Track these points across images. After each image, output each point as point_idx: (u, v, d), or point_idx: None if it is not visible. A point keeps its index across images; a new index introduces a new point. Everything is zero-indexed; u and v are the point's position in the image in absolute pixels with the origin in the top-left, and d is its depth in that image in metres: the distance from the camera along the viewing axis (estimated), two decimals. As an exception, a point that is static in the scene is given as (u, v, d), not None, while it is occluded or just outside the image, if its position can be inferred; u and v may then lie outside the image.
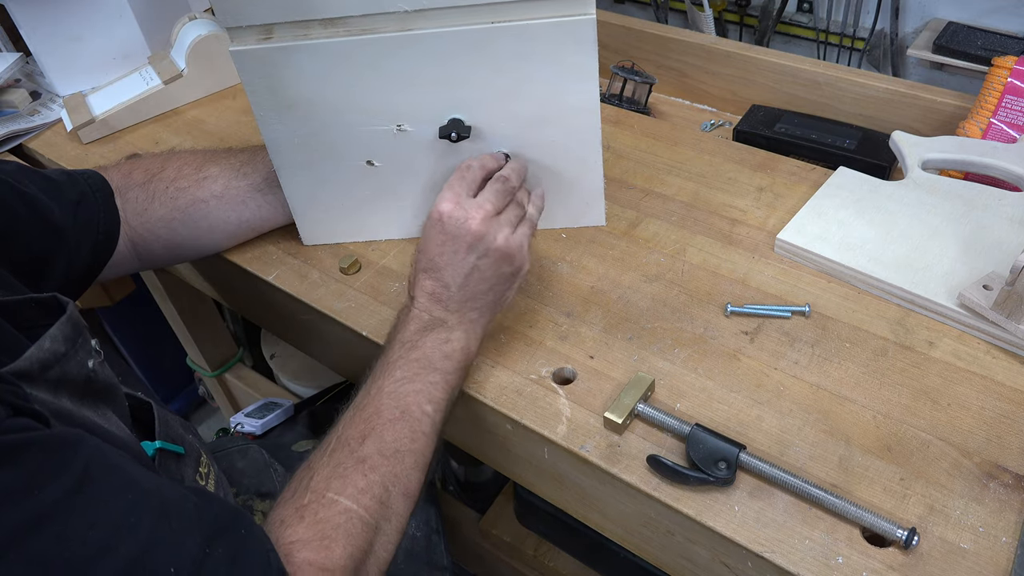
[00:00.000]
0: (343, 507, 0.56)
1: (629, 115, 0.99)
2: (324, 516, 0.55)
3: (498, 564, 1.09)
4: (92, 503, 0.43)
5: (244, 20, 0.67)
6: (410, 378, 0.63)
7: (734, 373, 0.67)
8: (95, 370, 0.54)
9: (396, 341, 0.65)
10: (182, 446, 0.62)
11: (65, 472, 0.42)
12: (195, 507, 0.48)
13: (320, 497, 0.56)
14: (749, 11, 1.28)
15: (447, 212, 0.65)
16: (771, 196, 0.84)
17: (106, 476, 0.44)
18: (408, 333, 0.65)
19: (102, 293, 1.37)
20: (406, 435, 0.61)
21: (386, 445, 0.60)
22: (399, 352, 0.64)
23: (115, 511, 0.43)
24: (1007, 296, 0.64)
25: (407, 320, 0.66)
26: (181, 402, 1.80)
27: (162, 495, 0.46)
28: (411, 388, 0.62)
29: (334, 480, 0.57)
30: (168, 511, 0.46)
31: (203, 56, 1.09)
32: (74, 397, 0.52)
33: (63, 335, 0.51)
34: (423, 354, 0.64)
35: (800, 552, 0.54)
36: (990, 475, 0.58)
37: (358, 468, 0.58)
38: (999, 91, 0.85)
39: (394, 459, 0.59)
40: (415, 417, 0.62)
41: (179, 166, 0.79)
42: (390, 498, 0.58)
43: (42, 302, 0.54)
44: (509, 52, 0.67)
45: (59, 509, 0.41)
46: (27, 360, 0.48)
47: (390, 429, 0.60)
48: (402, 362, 0.63)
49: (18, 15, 1.07)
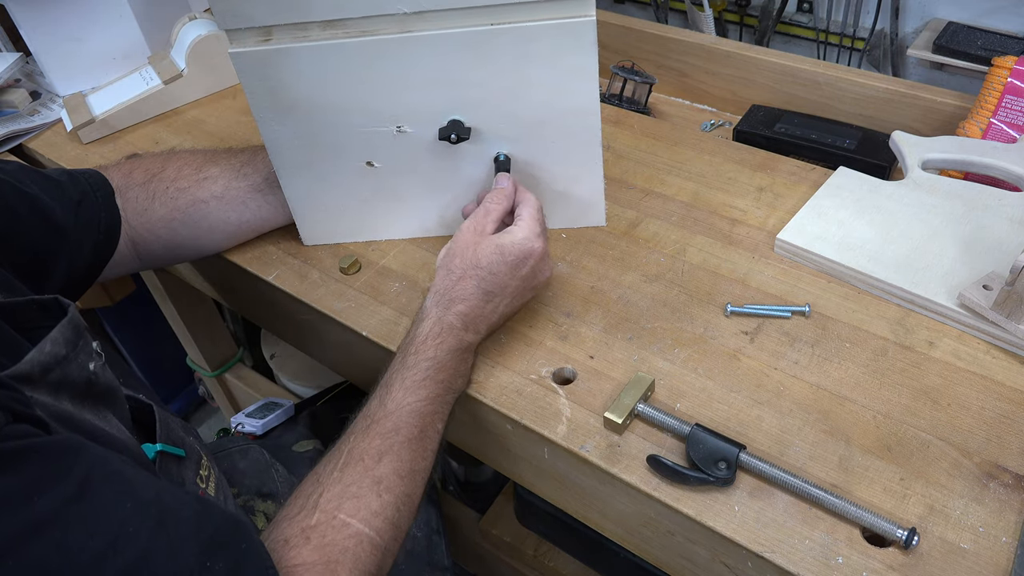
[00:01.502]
0: (355, 530, 0.55)
1: (629, 115, 0.99)
2: (333, 539, 0.54)
3: (498, 564, 1.09)
4: (91, 511, 0.42)
5: (243, 22, 0.67)
6: (433, 399, 0.63)
7: (734, 373, 0.67)
8: (96, 373, 0.53)
9: (427, 357, 0.63)
10: (183, 449, 0.62)
11: (65, 479, 0.42)
12: (195, 516, 0.47)
13: (331, 518, 0.55)
14: (749, 11, 1.28)
15: (537, 247, 0.67)
16: (771, 196, 0.84)
17: (106, 484, 0.44)
18: (442, 352, 0.64)
19: (102, 293, 1.37)
20: (420, 454, 0.61)
21: (403, 465, 0.59)
22: (428, 372, 0.63)
23: (114, 520, 0.43)
24: (1007, 296, 0.64)
25: (443, 339, 0.64)
26: (181, 402, 1.80)
27: (162, 504, 0.46)
28: (432, 409, 0.62)
29: (346, 500, 0.56)
30: (167, 521, 0.45)
31: (203, 56, 1.09)
32: (75, 400, 0.51)
33: (64, 338, 0.51)
34: (448, 376, 0.64)
35: (800, 552, 0.54)
36: (990, 475, 0.58)
37: (374, 489, 0.57)
38: (999, 91, 0.85)
39: (409, 479, 0.59)
40: (430, 436, 0.62)
41: (179, 166, 0.79)
42: (401, 519, 0.58)
43: (43, 304, 0.53)
44: (509, 54, 0.67)
45: (58, 517, 0.41)
46: (28, 363, 0.47)
47: (408, 449, 0.60)
48: (429, 382, 0.63)
49: (18, 15, 1.07)
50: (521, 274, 0.67)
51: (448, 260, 0.67)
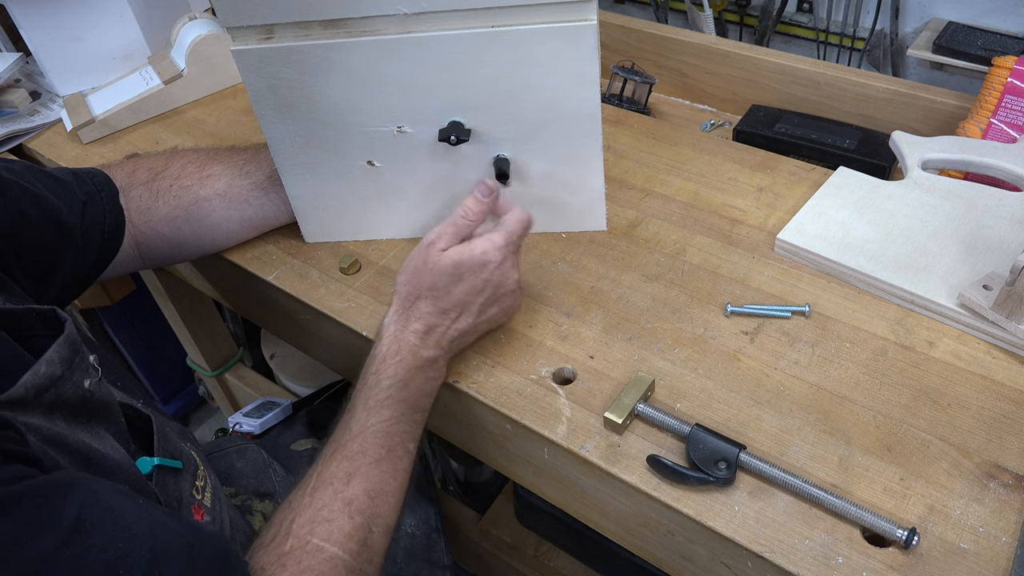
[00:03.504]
0: (329, 554, 0.54)
1: (629, 115, 0.99)
2: (308, 564, 0.54)
3: (498, 564, 1.09)
4: (83, 555, 0.42)
5: (245, 20, 0.67)
6: (398, 418, 0.62)
7: (734, 373, 0.67)
8: (91, 390, 0.53)
9: (387, 376, 0.63)
10: (180, 460, 0.61)
11: (56, 523, 0.41)
12: (187, 551, 0.47)
13: (304, 544, 0.55)
14: (749, 11, 1.28)
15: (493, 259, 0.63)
16: (771, 196, 0.84)
17: (98, 524, 0.43)
18: (401, 370, 0.63)
19: (102, 293, 1.37)
20: (390, 474, 0.61)
21: (372, 485, 0.59)
22: (390, 391, 0.62)
23: (107, 562, 0.43)
24: (1007, 296, 0.64)
25: (402, 356, 0.64)
26: (181, 402, 1.80)
27: (154, 540, 0.45)
28: (399, 428, 0.62)
29: (318, 525, 0.56)
30: (159, 558, 0.45)
31: (203, 56, 1.09)
32: (69, 419, 0.51)
33: (60, 357, 0.51)
34: (411, 393, 0.63)
35: (800, 552, 0.54)
36: (990, 475, 0.58)
37: (344, 511, 0.57)
38: (999, 91, 0.85)
39: (379, 499, 0.59)
40: (399, 456, 0.62)
41: (183, 164, 0.79)
42: (373, 539, 0.58)
43: (42, 314, 0.53)
44: (509, 57, 0.67)
45: (49, 563, 0.40)
46: (22, 387, 0.47)
47: (376, 469, 0.60)
48: (391, 401, 0.62)
49: (18, 15, 1.07)
50: (476, 287, 0.65)
51: (404, 277, 0.66)
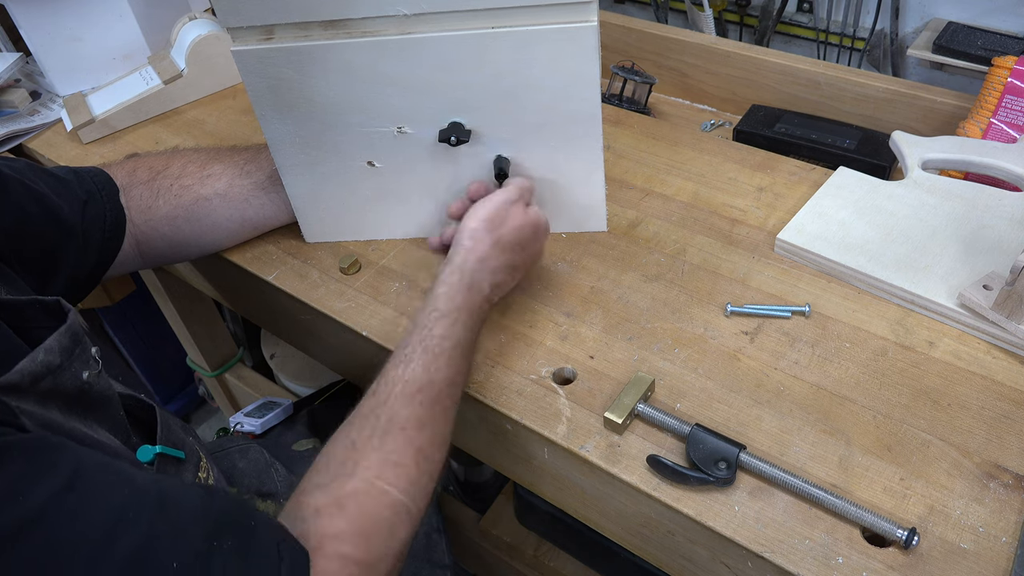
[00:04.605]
0: (392, 499, 0.53)
1: (629, 115, 0.99)
2: (370, 509, 0.52)
3: (498, 564, 1.09)
4: (85, 499, 0.41)
5: (245, 20, 0.67)
6: (464, 371, 0.64)
7: (734, 373, 0.67)
8: (90, 382, 0.52)
9: (463, 325, 0.63)
10: (182, 450, 0.61)
11: (52, 472, 0.41)
12: (199, 499, 0.46)
13: (369, 486, 0.53)
14: (749, 11, 1.28)
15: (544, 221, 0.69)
16: (771, 196, 0.84)
17: (99, 473, 0.43)
18: (472, 322, 0.64)
19: (102, 293, 1.37)
20: (450, 429, 0.62)
21: (438, 435, 0.59)
22: (459, 345, 0.62)
23: (112, 506, 0.42)
24: (1007, 296, 0.64)
25: (471, 311, 0.64)
26: (181, 402, 1.80)
27: (160, 489, 0.45)
28: (462, 380, 0.63)
29: (387, 468, 0.55)
30: (167, 504, 0.44)
31: (203, 56, 1.09)
32: (64, 409, 0.50)
33: (60, 346, 0.50)
34: (470, 347, 0.65)
35: (800, 552, 0.55)
36: (990, 475, 0.58)
37: (415, 459, 0.56)
38: (999, 91, 0.85)
39: (441, 450, 0.60)
40: (455, 408, 0.63)
41: (183, 164, 0.79)
42: (430, 490, 0.58)
43: (46, 305, 0.53)
44: (509, 58, 0.66)
45: (50, 508, 0.40)
46: (17, 373, 0.47)
47: (444, 420, 0.61)
48: (459, 352, 0.62)
49: (18, 15, 1.07)
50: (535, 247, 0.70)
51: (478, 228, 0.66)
